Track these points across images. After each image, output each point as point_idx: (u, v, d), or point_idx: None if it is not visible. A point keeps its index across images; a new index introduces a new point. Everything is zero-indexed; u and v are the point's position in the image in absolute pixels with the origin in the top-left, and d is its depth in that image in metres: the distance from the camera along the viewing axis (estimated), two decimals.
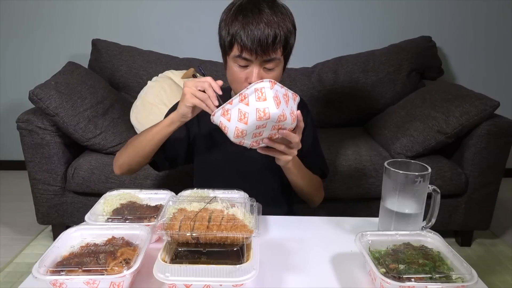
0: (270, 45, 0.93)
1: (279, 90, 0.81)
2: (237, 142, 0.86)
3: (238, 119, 0.80)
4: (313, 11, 2.48)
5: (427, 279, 0.66)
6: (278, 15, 0.95)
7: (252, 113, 0.79)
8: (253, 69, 0.96)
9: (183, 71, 2.06)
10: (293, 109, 0.84)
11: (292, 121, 0.83)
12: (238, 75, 0.99)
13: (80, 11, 2.50)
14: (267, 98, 0.78)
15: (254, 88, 0.79)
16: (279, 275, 0.76)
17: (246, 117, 0.79)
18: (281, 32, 0.94)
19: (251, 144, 0.88)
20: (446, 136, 1.72)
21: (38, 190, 1.79)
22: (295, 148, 0.93)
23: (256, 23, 0.92)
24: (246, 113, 0.79)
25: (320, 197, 1.21)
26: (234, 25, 0.94)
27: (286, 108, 0.81)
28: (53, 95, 1.66)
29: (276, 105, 0.78)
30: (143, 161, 1.09)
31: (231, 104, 0.81)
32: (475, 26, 2.51)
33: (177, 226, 0.71)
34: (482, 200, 1.80)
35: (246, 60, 0.95)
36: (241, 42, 0.93)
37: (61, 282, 0.65)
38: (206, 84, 0.91)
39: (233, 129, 0.82)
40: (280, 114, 0.78)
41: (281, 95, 0.81)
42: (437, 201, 0.83)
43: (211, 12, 2.46)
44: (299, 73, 2.27)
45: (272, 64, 0.97)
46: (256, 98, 0.78)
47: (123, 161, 1.10)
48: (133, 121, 1.93)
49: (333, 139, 1.97)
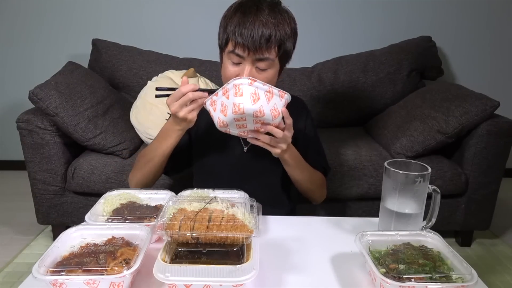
0: (264, 44, 0.94)
1: (260, 87, 0.86)
2: (223, 131, 0.94)
3: (220, 110, 0.88)
4: (313, 11, 2.48)
5: (427, 279, 0.66)
6: (277, 17, 0.96)
7: (229, 106, 0.86)
8: (244, 66, 0.97)
9: (183, 71, 2.06)
10: (277, 106, 0.88)
11: (273, 117, 0.87)
12: (230, 71, 1.00)
13: (81, 11, 2.50)
14: (243, 94, 0.84)
15: (233, 83, 0.85)
16: (279, 275, 0.76)
17: (226, 110, 0.87)
18: (276, 33, 0.94)
19: (238, 134, 0.95)
20: (446, 136, 1.72)
21: (38, 190, 1.79)
22: (282, 143, 0.95)
23: (252, 21, 0.93)
24: (226, 105, 0.87)
25: (321, 195, 1.22)
26: (232, 22, 0.96)
27: (266, 105, 0.86)
28: (53, 95, 1.66)
29: (252, 101, 0.84)
30: (158, 173, 1.12)
31: (216, 95, 0.89)
32: (475, 26, 2.51)
33: (177, 226, 0.71)
34: (482, 200, 1.80)
35: (238, 56, 0.97)
36: (235, 37, 0.95)
37: (61, 282, 0.65)
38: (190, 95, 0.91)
39: (217, 119, 0.90)
40: (256, 110, 0.84)
41: (262, 92, 0.86)
42: (437, 201, 0.83)
43: (211, 12, 2.48)
44: (299, 73, 2.27)
45: (265, 64, 0.97)
46: (234, 93, 0.85)
47: (138, 180, 1.12)
48: (133, 121, 1.93)
49: (333, 139, 1.97)
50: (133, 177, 1.13)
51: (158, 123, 1.83)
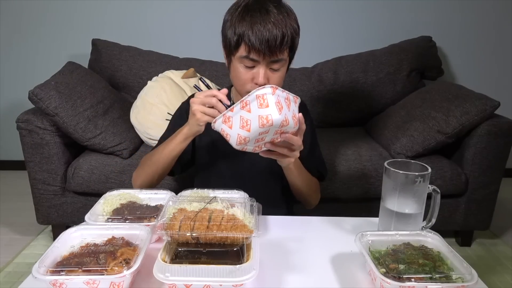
0: (278, 46, 0.93)
1: (280, 94, 0.80)
2: (239, 149, 0.85)
3: (240, 126, 0.79)
4: (313, 11, 2.48)
5: (427, 279, 0.66)
6: (284, 15, 0.95)
7: (254, 120, 0.77)
8: (259, 69, 0.96)
9: (183, 71, 2.05)
10: (295, 112, 0.84)
11: (295, 125, 0.83)
12: (244, 76, 0.98)
13: (80, 11, 2.50)
14: (269, 105, 0.76)
15: (256, 94, 0.77)
16: (279, 275, 0.76)
17: (249, 124, 0.78)
18: (288, 32, 0.94)
19: (253, 149, 0.88)
20: (446, 136, 1.72)
21: (38, 190, 1.79)
22: (297, 150, 0.92)
23: (264, 23, 0.92)
24: (248, 120, 0.78)
25: (316, 199, 1.22)
26: (241, 25, 0.94)
27: (288, 112, 0.80)
28: (53, 95, 1.66)
29: (279, 111, 0.76)
30: (163, 175, 1.12)
31: (232, 111, 0.80)
32: (475, 26, 2.51)
33: (177, 226, 0.71)
34: (482, 200, 1.80)
35: (253, 61, 0.95)
36: (249, 42, 0.92)
37: (61, 282, 0.65)
38: (214, 100, 0.90)
39: (236, 136, 0.81)
40: (283, 120, 0.77)
41: (283, 100, 0.80)
42: (437, 201, 0.83)
43: (211, 12, 2.49)
44: (299, 73, 2.27)
45: (278, 65, 0.97)
46: (258, 105, 0.77)
47: (143, 181, 1.12)
48: (133, 121, 1.93)
49: (333, 139, 1.97)
50: (138, 178, 1.13)
51: (158, 123, 1.83)
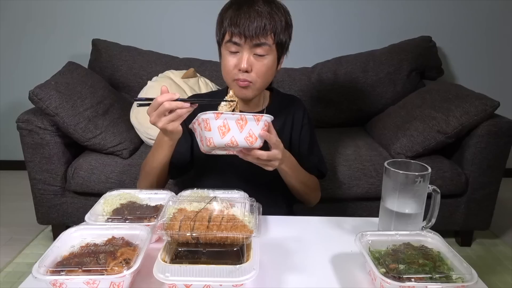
0: (260, 30, 0.96)
1: (229, 117, 0.84)
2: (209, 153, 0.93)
3: (199, 139, 0.89)
4: (313, 11, 2.48)
5: (427, 279, 0.66)
6: (272, 7, 0.99)
7: (203, 139, 0.86)
8: (242, 54, 0.99)
9: (183, 71, 2.06)
10: (253, 131, 0.86)
11: (250, 144, 0.86)
12: (229, 63, 1.01)
13: (80, 11, 2.50)
14: (212, 129, 0.84)
15: (201, 118, 0.84)
16: (279, 275, 0.76)
17: (202, 140, 0.88)
18: (271, 21, 0.98)
19: (226, 153, 0.94)
20: (446, 136, 1.72)
21: (38, 190, 1.79)
22: (272, 161, 0.93)
23: (247, 11, 0.97)
24: (202, 137, 0.87)
25: (316, 198, 1.22)
26: (227, 16, 0.99)
27: (238, 133, 0.85)
28: (53, 95, 1.66)
29: (221, 135, 0.84)
30: (163, 181, 1.12)
31: (197, 124, 0.88)
32: (475, 26, 2.51)
33: (177, 226, 0.71)
34: (482, 200, 1.80)
35: (236, 44, 0.99)
36: (231, 28, 0.97)
37: (61, 282, 0.65)
38: (167, 105, 0.87)
39: (199, 144, 0.90)
40: (228, 142, 0.84)
41: (233, 122, 0.84)
42: (437, 201, 0.83)
43: (211, 12, 2.46)
44: (299, 73, 2.27)
45: (262, 50, 0.99)
46: (204, 127, 0.85)
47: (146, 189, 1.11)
48: (133, 121, 1.93)
49: (333, 139, 1.97)
50: (141, 187, 1.13)
51: None
